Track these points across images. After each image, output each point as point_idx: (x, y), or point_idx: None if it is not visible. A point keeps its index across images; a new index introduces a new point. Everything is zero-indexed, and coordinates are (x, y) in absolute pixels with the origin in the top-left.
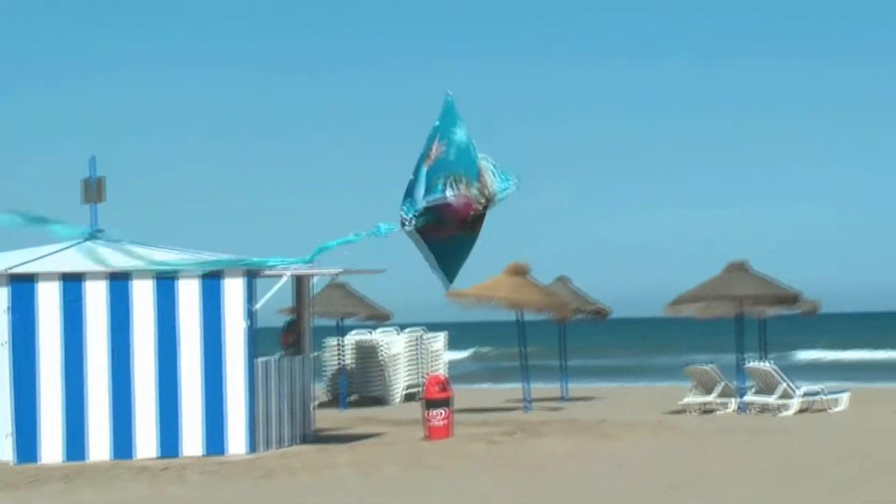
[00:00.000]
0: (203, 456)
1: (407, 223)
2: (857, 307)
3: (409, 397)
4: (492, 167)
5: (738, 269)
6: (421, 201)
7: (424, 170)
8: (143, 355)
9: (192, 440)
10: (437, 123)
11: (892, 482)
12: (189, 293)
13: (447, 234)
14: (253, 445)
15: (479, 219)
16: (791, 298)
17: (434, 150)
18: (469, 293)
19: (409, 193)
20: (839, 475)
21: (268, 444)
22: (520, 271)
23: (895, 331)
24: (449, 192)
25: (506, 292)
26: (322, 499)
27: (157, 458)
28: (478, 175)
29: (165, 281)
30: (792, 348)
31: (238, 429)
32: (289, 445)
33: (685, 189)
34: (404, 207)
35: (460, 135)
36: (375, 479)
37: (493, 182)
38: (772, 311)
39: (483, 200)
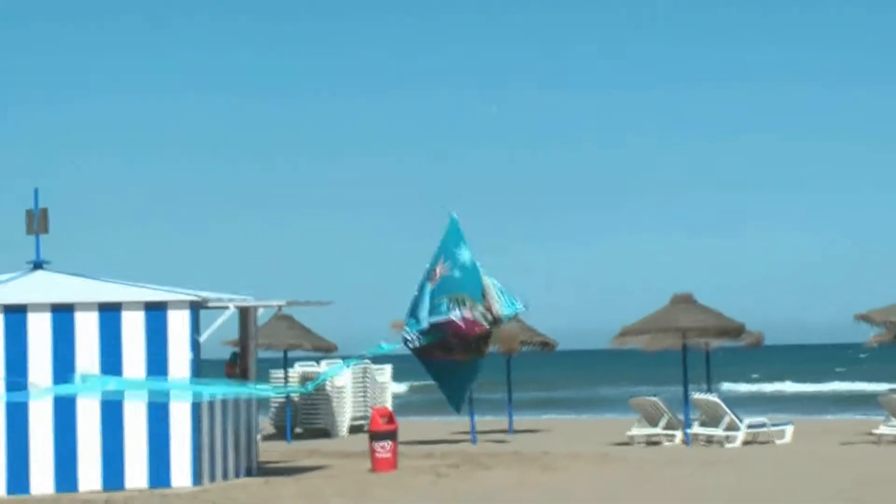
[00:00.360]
0: (147, 489)
1: (410, 341)
2: (802, 339)
3: (355, 429)
4: (497, 289)
5: (684, 301)
6: (425, 321)
7: (429, 288)
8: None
9: (136, 473)
10: (440, 244)
11: None
12: (133, 325)
13: (452, 356)
14: (198, 478)
15: (485, 340)
16: (736, 330)
17: (438, 270)
18: None
19: (413, 313)
20: None
21: (213, 477)
22: None
23: (836, 362)
24: (453, 313)
25: None
26: None
27: (102, 490)
28: (483, 296)
29: (110, 312)
30: (737, 380)
31: (183, 461)
32: (234, 478)
33: (632, 221)
34: (408, 326)
35: (465, 255)
36: None
37: (498, 304)
38: (717, 343)
39: (488, 322)
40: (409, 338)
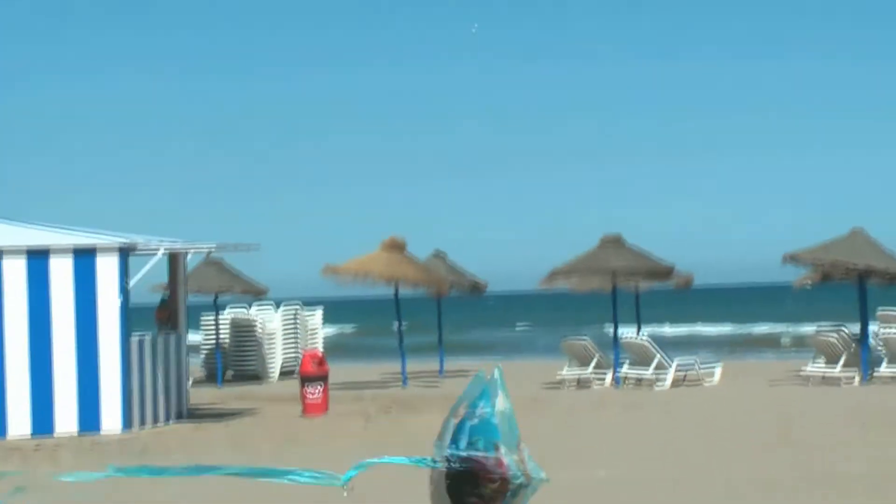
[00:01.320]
0: (77, 434)
1: (445, 461)
2: (729, 280)
3: (286, 373)
4: (526, 451)
5: (613, 242)
6: (463, 450)
7: (469, 424)
8: (14, 333)
9: (66, 418)
10: (483, 389)
11: (757, 455)
12: (62, 270)
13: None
14: (128, 423)
15: (501, 493)
16: (665, 272)
17: (478, 412)
18: (345, 268)
19: (452, 437)
20: (702, 449)
21: (143, 422)
22: (396, 246)
23: (764, 304)
24: (486, 453)
25: (382, 267)
26: (194, 477)
27: (31, 436)
28: (517, 446)
29: (38, 259)
30: (666, 321)
31: (113, 407)
32: (164, 423)
33: (570, 173)
34: (437, 445)
35: (505, 405)
36: (250, 456)
37: (529, 462)
38: (646, 285)
39: (515, 475)
40: (442, 459)
